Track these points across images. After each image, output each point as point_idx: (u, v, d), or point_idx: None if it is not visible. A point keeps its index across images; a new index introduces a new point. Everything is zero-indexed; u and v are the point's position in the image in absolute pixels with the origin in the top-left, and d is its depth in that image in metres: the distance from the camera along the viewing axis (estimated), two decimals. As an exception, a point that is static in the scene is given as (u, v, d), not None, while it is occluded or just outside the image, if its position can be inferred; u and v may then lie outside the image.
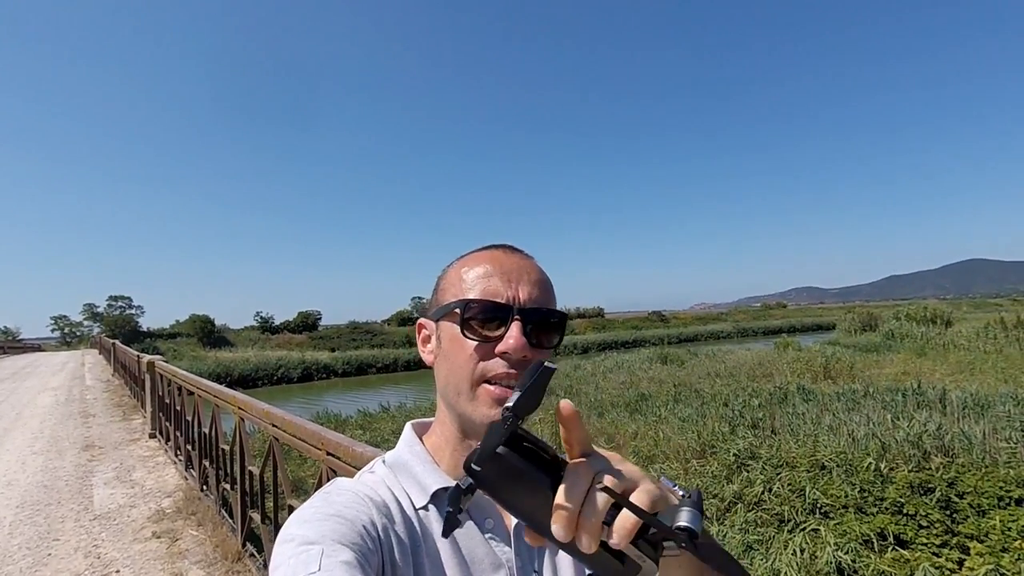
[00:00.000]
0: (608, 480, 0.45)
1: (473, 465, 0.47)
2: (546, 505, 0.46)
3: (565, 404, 0.48)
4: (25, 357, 33.23)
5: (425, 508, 0.67)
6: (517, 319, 0.65)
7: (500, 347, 0.64)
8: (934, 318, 24.81)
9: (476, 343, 0.65)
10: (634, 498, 0.45)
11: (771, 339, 31.35)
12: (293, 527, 0.57)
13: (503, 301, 0.66)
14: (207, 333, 44.70)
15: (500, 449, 0.46)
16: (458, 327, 0.66)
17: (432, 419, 0.76)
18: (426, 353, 0.73)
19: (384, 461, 0.73)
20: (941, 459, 5.17)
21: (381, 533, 0.60)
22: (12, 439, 8.25)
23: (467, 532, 0.66)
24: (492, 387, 0.64)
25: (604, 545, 0.45)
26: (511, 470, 0.46)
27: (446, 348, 0.69)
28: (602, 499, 0.44)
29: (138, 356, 10.12)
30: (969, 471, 4.75)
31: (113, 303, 49.54)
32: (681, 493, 0.49)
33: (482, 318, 0.66)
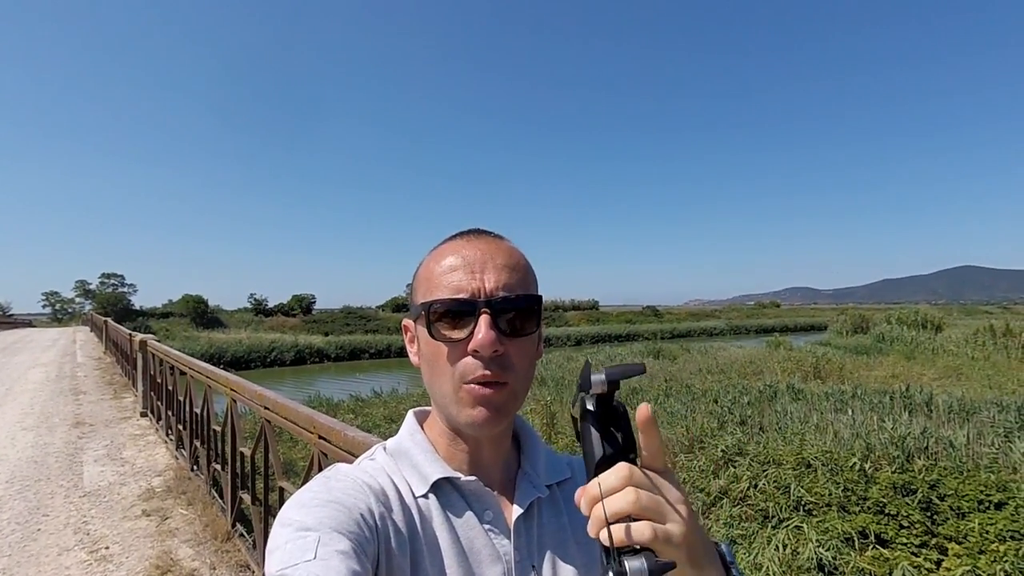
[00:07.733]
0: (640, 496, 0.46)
1: (586, 394, 0.50)
2: (599, 463, 0.48)
3: (643, 409, 0.47)
4: (15, 332, 33.05)
5: (425, 496, 0.66)
6: (485, 312, 0.62)
7: (471, 345, 0.62)
8: (925, 323, 24.99)
9: (449, 345, 0.64)
10: (648, 529, 0.45)
11: (764, 337, 31.52)
12: (291, 511, 0.57)
13: (467, 296, 0.63)
14: (200, 313, 44.46)
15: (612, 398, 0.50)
16: (427, 331, 0.65)
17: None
18: (412, 355, 0.72)
19: (385, 448, 0.73)
20: (924, 461, 5.24)
21: (378, 521, 0.59)
22: (2, 414, 8.24)
23: (466, 522, 0.66)
24: (472, 387, 0.63)
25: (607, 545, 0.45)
26: (608, 415, 0.50)
27: (423, 351, 0.68)
28: (626, 501, 0.46)
29: (130, 335, 10.08)
30: (951, 474, 4.81)
31: (105, 280, 49.12)
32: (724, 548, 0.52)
33: (449, 319, 0.64)
